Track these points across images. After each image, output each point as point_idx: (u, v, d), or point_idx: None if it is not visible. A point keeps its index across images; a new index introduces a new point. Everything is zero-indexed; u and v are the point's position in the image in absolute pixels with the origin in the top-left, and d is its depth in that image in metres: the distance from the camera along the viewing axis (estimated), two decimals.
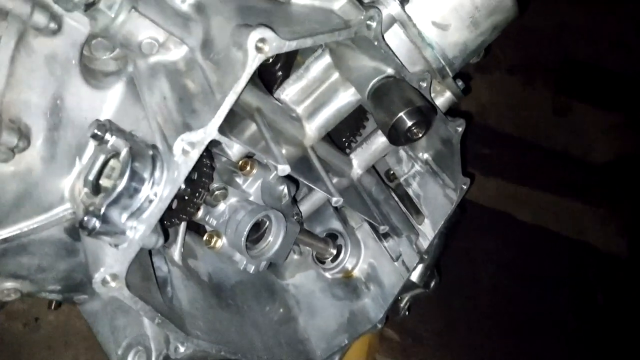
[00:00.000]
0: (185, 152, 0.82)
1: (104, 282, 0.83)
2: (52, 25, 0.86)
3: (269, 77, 1.35)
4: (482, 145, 2.81)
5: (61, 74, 0.91)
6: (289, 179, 1.32)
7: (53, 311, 1.95)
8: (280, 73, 1.40)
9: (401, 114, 1.03)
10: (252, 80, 1.19)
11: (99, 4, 0.84)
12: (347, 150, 1.48)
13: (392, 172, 1.62)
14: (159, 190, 0.83)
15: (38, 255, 0.97)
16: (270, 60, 1.23)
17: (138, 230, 0.83)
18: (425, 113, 1.04)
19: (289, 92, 1.25)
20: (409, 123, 1.03)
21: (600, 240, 2.60)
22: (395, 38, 1.09)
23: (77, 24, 0.89)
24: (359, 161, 1.44)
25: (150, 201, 0.83)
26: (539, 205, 2.69)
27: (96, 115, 0.95)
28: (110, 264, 0.83)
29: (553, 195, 2.73)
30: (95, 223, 0.80)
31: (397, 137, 1.06)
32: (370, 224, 1.55)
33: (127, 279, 0.87)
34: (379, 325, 1.48)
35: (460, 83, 1.28)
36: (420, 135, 1.06)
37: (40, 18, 0.83)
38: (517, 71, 3.04)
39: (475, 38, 1.12)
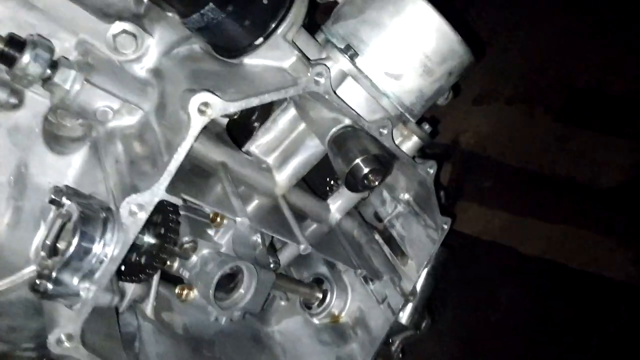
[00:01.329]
0: (133, 213, 0.85)
1: (59, 341, 0.86)
2: (13, 100, 0.92)
3: (246, 129, 1.40)
4: (485, 178, 2.78)
5: (25, 144, 0.96)
6: None
7: None
8: (256, 124, 1.44)
9: (357, 160, 1.05)
10: (218, 136, 1.25)
11: (54, 78, 0.89)
12: (330, 194, 1.50)
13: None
14: (110, 251, 0.86)
15: (8, 316, 1.00)
16: (236, 116, 1.28)
17: (91, 291, 0.86)
18: (382, 160, 1.06)
19: (258, 144, 1.28)
20: (365, 170, 1.05)
21: (611, 269, 2.51)
22: (351, 89, 1.12)
23: (38, 97, 0.95)
24: (337, 205, 1.45)
25: (101, 262, 0.86)
26: (546, 237, 2.64)
27: (61, 179, 1.00)
28: (64, 324, 0.86)
29: (560, 225, 2.67)
30: (48, 286, 0.83)
31: (355, 184, 1.07)
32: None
33: (85, 338, 0.89)
34: None
35: (427, 127, 1.29)
36: (377, 182, 1.08)
37: None
38: (516, 101, 3.01)
39: (430, 85, 1.14)
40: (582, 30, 3.02)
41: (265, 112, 1.45)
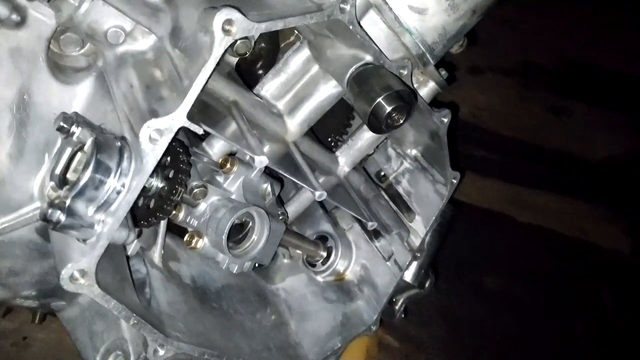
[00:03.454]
0: (153, 140, 0.79)
1: (72, 278, 0.79)
2: (15, 17, 0.84)
3: (250, 77, 1.33)
4: (480, 148, 2.78)
5: (28, 69, 0.88)
6: (272, 177, 1.30)
7: (43, 330, 1.92)
8: (261, 72, 1.38)
9: (380, 99, 1.00)
10: (229, 75, 1.19)
11: None
12: (335, 150, 1.45)
13: (382, 173, 1.59)
14: (127, 181, 0.80)
15: (9, 258, 0.94)
16: (248, 56, 1.21)
17: (106, 224, 0.80)
18: (405, 98, 1.01)
19: (268, 87, 1.22)
20: (389, 108, 1.00)
21: (603, 238, 2.54)
22: (372, 25, 1.07)
23: (42, 17, 0.87)
24: (345, 158, 1.41)
25: (118, 193, 0.80)
26: (540, 206, 2.65)
27: (66, 110, 0.92)
28: (78, 259, 0.79)
29: (554, 195, 2.69)
30: (60, 216, 0.77)
31: (378, 124, 1.03)
32: (361, 224, 1.52)
33: (99, 277, 0.83)
34: (373, 328, 1.43)
35: (443, 72, 1.25)
36: (402, 121, 1.03)
37: (0, 9, 0.82)
38: (513, 73, 3.03)
39: (454, 22, 1.09)
40: (580, 7, 3.03)
41: (270, 59, 1.39)
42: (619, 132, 2.91)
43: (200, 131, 0.85)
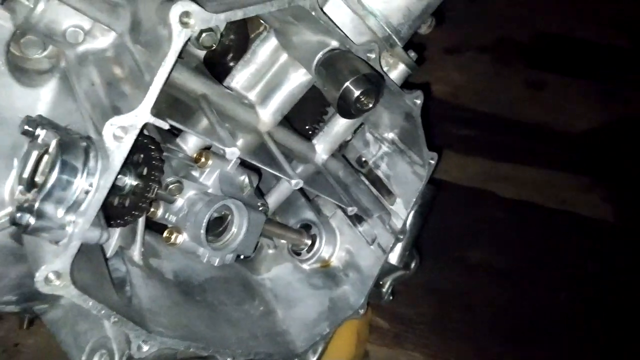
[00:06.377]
0: (117, 137, 0.78)
1: (47, 280, 0.80)
2: None
3: (221, 70, 1.33)
4: (460, 127, 2.79)
5: None
6: (250, 168, 1.30)
7: (33, 336, 1.92)
8: (232, 64, 1.37)
9: (347, 83, 1.00)
10: (196, 68, 1.18)
11: None
12: (313, 137, 1.46)
13: (363, 158, 1.59)
14: (95, 180, 0.80)
15: None
16: (217, 49, 1.20)
17: (77, 224, 0.80)
18: (373, 81, 1.01)
19: (238, 79, 1.22)
20: (357, 92, 1.00)
21: (585, 208, 2.57)
22: (336, 9, 1.07)
23: None
24: (322, 145, 1.41)
25: (87, 192, 0.80)
26: (521, 180, 2.67)
27: (31, 113, 0.92)
28: (51, 260, 0.79)
29: (535, 168, 2.72)
30: (29, 219, 0.76)
31: (347, 108, 1.03)
32: (343, 211, 1.52)
33: (75, 277, 0.83)
34: (361, 311, 1.45)
35: (412, 54, 1.26)
36: (371, 105, 1.04)
37: None
38: (488, 49, 3.04)
39: (418, 1, 1.09)
40: None
41: (240, 51, 1.38)
42: (595, 102, 2.93)
43: (165, 126, 0.84)
